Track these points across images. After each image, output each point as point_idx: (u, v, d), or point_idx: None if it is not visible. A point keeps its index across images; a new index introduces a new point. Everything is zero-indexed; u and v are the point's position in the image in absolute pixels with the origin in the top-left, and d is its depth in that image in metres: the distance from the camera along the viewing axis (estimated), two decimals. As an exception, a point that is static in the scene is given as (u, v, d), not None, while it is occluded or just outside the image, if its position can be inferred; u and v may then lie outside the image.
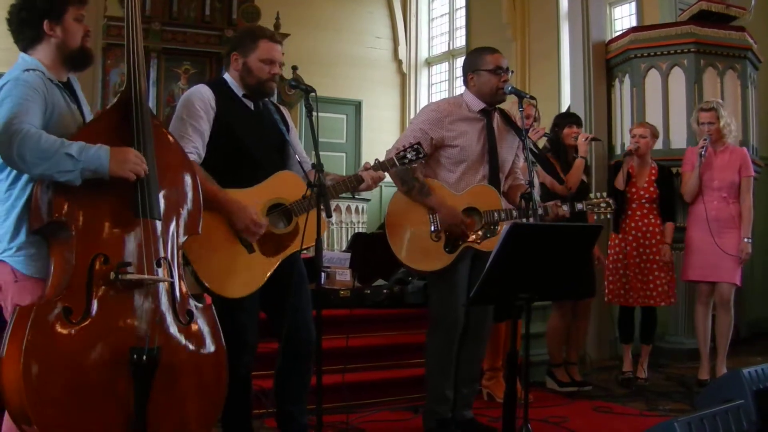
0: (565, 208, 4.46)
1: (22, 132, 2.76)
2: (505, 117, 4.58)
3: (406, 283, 6.45)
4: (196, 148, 3.67)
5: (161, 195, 3.12)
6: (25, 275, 2.94)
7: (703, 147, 5.84)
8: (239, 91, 3.90)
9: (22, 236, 2.94)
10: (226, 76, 3.96)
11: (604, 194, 4.65)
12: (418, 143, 4.13)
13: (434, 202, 4.31)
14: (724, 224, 5.90)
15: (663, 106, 7.04)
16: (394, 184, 4.38)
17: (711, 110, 5.98)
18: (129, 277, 2.93)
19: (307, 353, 3.86)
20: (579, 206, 4.55)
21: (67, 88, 3.14)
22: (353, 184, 3.92)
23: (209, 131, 3.74)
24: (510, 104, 4.83)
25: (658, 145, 6.96)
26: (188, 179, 3.29)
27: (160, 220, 3.09)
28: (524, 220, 4.27)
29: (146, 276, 2.99)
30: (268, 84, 3.87)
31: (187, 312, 3.14)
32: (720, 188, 5.92)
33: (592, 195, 4.64)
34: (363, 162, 13.21)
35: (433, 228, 4.32)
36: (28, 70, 2.95)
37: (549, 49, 11.16)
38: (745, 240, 5.90)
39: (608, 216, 4.72)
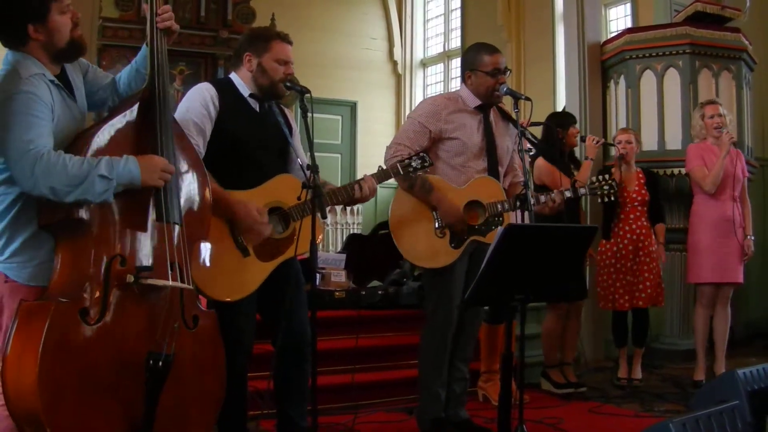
0: (568, 193, 4.49)
1: (42, 159, 2.71)
2: (501, 111, 4.60)
3: (401, 284, 6.44)
4: (197, 145, 3.63)
5: (180, 198, 3.10)
6: (16, 282, 2.88)
7: (731, 136, 5.80)
8: (245, 91, 3.89)
9: (15, 242, 2.88)
10: (233, 75, 3.95)
11: (606, 176, 4.66)
12: (424, 152, 4.14)
13: (435, 200, 4.32)
14: (734, 224, 5.89)
15: (658, 108, 7.05)
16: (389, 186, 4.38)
17: (717, 103, 5.99)
18: (150, 281, 2.90)
19: (304, 354, 3.85)
20: (582, 191, 4.61)
21: (62, 79, 3.04)
22: (343, 197, 3.91)
23: (211, 129, 3.73)
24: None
25: (653, 146, 7.00)
26: (201, 180, 3.28)
27: (179, 224, 3.06)
28: (526, 213, 4.28)
29: (170, 282, 2.96)
30: (280, 85, 3.85)
31: (193, 317, 3.12)
32: (731, 187, 5.91)
33: (593, 178, 4.67)
34: (358, 163, 13.19)
35: (437, 224, 4.34)
36: (32, 75, 2.83)
37: (544, 50, 11.16)
38: (750, 238, 5.92)
39: (612, 198, 4.72)
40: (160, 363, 2.84)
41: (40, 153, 2.73)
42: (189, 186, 3.21)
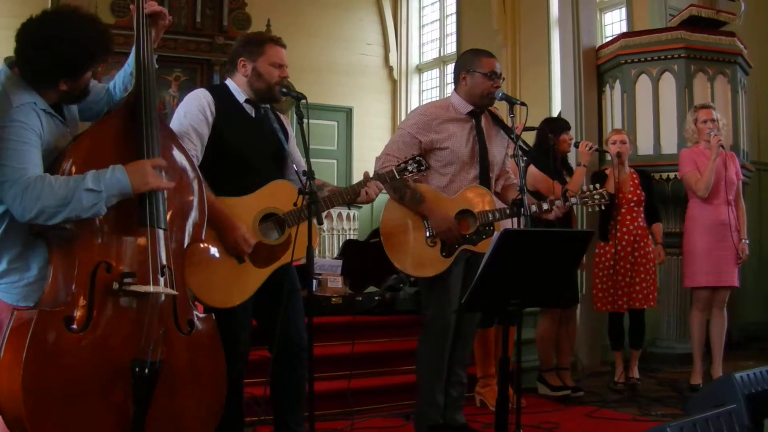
0: (558, 202, 4.50)
1: (30, 186, 2.73)
2: (494, 117, 4.59)
3: (397, 290, 6.44)
4: (195, 150, 3.65)
5: (167, 202, 3.08)
6: (7, 305, 2.88)
7: (719, 140, 5.80)
8: (241, 97, 3.90)
9: (3, 264, 2.89)
10: (228, 81, 3.96)
11: (597, 186, 4.66)
12: (420, 155, 4.14)
13: (426, 210, 4.30)
14: (729, 227, 5.90)
15: (653, 112, 7.06)
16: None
17: (710, 108, 6.00)
18: (133, 288, 2.88)
19: (301, 361, 3.85)
20: (573, 200, 4.59)
21: (56, 107, 3.04)
22: (349, 197, 3.92)
23: (208, 135, 3.73)
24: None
25: (648, 150, 7.02)
26: (194, 184, 3.27)
27: (165, 229, 3.05)
28: (517, 221, 4.27)
29: (151, 288, 2.94)
30: (276, 88, 3.86)
31: (188, 322, 3.11)
32: (726, 190, 5.92)
33: (584, 188, 4.67)
34: (354, 169, 13.17)
35: (428, 234, 4.32)
36: (24, 104, 2.83)
37: (539, 55, 11.17)
38: (744, 241, 5.92)
39: (602, 208, 4.72)
40: (146, 370, 2.83)
41: (30, 180, 2.74)
42: (178, 190, 3.19)
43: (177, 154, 3.25)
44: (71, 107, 3.17)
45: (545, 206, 4.44)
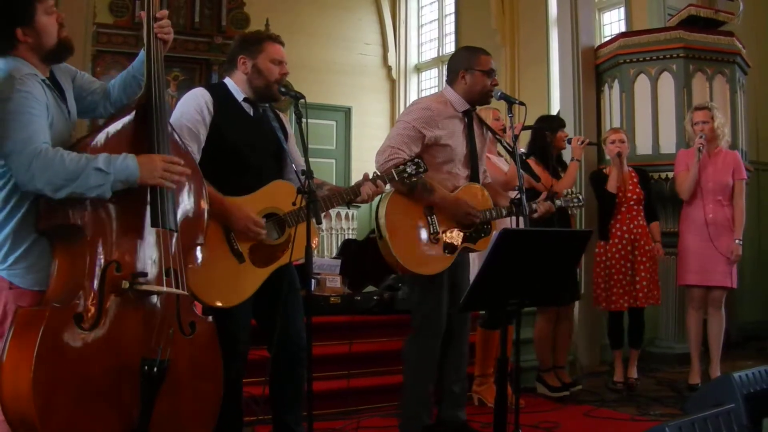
0: (546, 204, 4.56)
1: (40, 156, 2.74)
2: (479, 118, 4.60)
3: (396, 289, 6.44)
4: (192, 152, 3.64)
5: (176, 204, 3.10)
6: (21, 288, 2.89)
7: (701, 144, 5.84)
8: (240, 96, 3.89)
9: (19, 249, 2.89)
10: (227, 80, 3.95)
11: (574, 190, 4.71)
12: (419, 157, 4.11)
13: (438, 199, 4.28)
14: (720, 227, 5.90)
15: (652, 112, 7.06)
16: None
17: (705, 109, 6.01)
18: (144, 287, 2.90)
19: (299, 360, 3.84)
20: (558, 202, 4.67)
21: (52, 82, 3.05)
22: (349, 197, 3.91)
23: (206, 135, 3.73)
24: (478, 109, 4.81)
25: (647, 149, 7.02)
26: (201, 188, 3.28)
27: (175, 230, 3.06)
28: (514, 219, 4.29)
29: (164, 288, 2.96)
30: (276, 86, 3.86)
31: (190, 323, 3.11)
32: (715, 191, 5.93)
33: (565, 192, 4.72)
34: (353, 168, 13.15)
35: (432, 230, 4.30)
36: (25, 75, 2.85)
37: (538, 54, 11.18)
38: (736, 241, 5.91)
39: (579, 211, 4.79)
40: (155, 369, 2.84)
41: (38, 149, 2.75)
42: (185, 193, 3.20)
43: (184, 158, 3.23)
44: (71, 99, 3.17)
45: (534, 206, 4.49)
